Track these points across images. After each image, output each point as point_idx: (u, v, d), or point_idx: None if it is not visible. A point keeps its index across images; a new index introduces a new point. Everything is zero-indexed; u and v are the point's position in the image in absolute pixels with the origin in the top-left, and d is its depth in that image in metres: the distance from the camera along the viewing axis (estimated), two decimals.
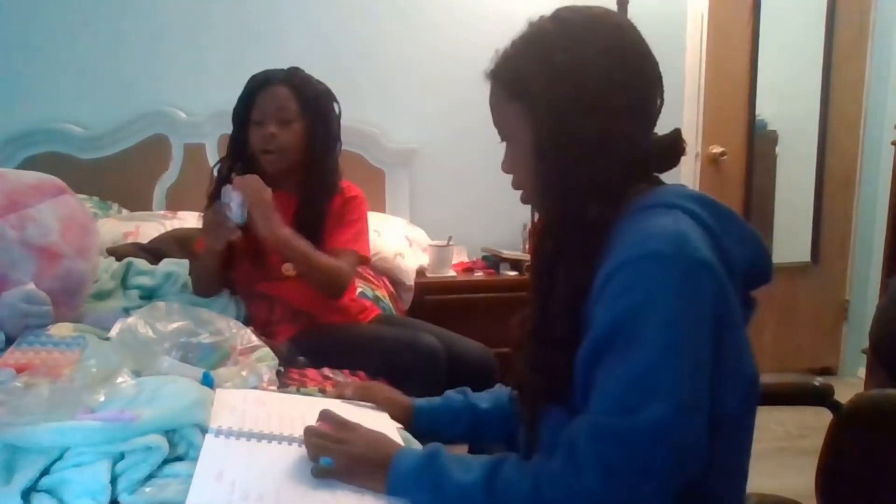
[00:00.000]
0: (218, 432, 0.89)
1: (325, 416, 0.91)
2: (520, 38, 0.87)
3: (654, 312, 0.73)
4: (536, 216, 0.94)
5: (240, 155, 1.72)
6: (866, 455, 1.07)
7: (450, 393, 1.13)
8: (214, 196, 1.66)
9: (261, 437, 0.90)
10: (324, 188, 1.72)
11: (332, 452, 0.84)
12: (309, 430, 0.87)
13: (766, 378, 0.82)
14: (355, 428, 0.89)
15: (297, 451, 0.87)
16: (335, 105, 1.75)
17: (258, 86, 1.68)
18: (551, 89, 0.82)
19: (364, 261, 1.81)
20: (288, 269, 1.69)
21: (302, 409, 0.99)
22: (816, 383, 1.22)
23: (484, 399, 1.10)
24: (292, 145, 1.68)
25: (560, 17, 0.86)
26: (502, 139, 0.92)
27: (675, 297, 0.73)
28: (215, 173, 1.76)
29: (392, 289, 2.34)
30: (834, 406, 1.15)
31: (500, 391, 1.11)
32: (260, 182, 1.56)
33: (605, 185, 0.82)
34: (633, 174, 0.85)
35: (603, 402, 0.74)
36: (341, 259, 1.67)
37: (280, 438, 0.90)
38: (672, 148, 0.88)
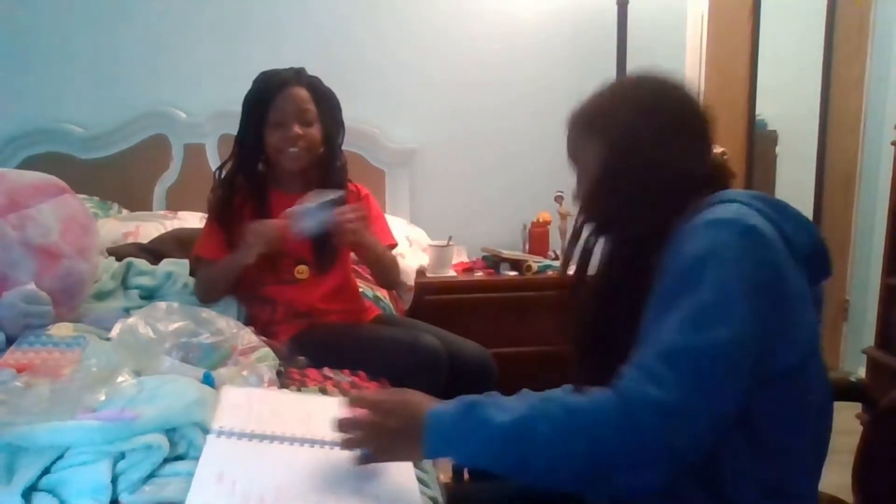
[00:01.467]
0: (220, 432, 0.89)
1: (353, 402, 0.90)
2: (608, 93, 1.00)
3: (713, 261, 0.78)
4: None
5: (251, 156, 1.72)
6: None
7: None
8: (227, 200, 1.69)
9: (262, 437, 0.90)
10: (335, 185, 1.74)
11: (364, 442, 0.85)
12: (340, 424, 0.86)
13: None
14: (383, 403, 0.88)
15: (300, 452, 0.87)
16: (339, 103, 1.78)
17: (276, 88, 1.67)
18: (631, 119, 0.94)
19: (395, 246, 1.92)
20: (302, 271, 1.71)
21: (307, 409, 0.99)
22: (853, 379, 1.22)
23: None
24: (315, 145, 1.70)
25: (639, 75, 1.01)
26: (578, 171, 1.03)
27: (733, 251, 0.79)
28: (220, 174, 1.76)
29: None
30: (870, 402, 1.15)
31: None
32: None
33: (673, 203, 0.91)
34: (697, 191, 0.93)
35: (670, 330, 0.77)
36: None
37: (282, 439, 0.90)
38: (724, 169, 1.01)
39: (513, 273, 2.60)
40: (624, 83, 1.03)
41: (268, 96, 1.67)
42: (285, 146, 1.67)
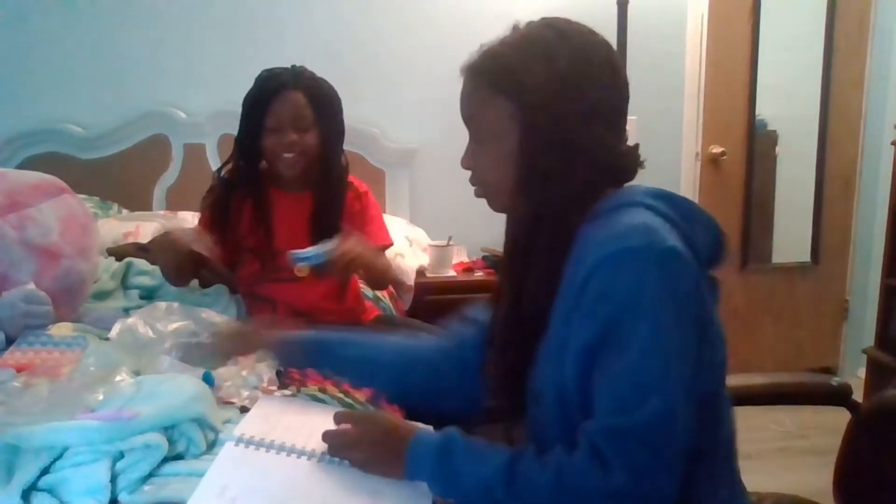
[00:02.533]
0: (239, 440, 0.87)
1: (342, 418, 0.91)
2: (513, 40, 0.88)
3: (638, 310, 0.76)
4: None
5: (250, 158, 1.72)
6: (886, 455, 1.06)
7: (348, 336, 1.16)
8: (224, 199, 1.69)
9: (281, 448, 0.87)
10: (335, 185, 1.74)
11: (348, 452, 0.86)
12: (326, 435, 0.88)
13: (781, 377, 0.84)
14: (371, 419, 0.92)
15: (317, 468, 0.85)
16: (340, 102, 1.76)
17: (272, 91, 1.66)
18: (552, 92, 0.84)
19: (390, 246, 1.92)
20: (301, 269, 1.70)
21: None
22: (834, 383, 1.22)
23: (386, 352, 1.14)
24: (311, 150, 1.69)
25: (556, 26, 0.89)
26: (474, 134, 0.93)
27: (655, 290, 0.76)
28: (220, 174, 1.76)
29: (392, 289, 2.34)
30: (852, 406, 1.15)
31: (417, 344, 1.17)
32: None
33: (585, 191, 0.86)
34: (606, 182, 0.89)
35: (608, 404, 0.78)
36: (384, 256, 1.81)
37: (300, 453, 0.88)
38: (635, 160, 0.92)
39: None
40: (541, 37, 0.88)
41: (264, 100, 1.65)
42: (280, 152, 1.67)
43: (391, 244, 1.89)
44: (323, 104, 1.69)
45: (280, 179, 1.75)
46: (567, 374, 0.82)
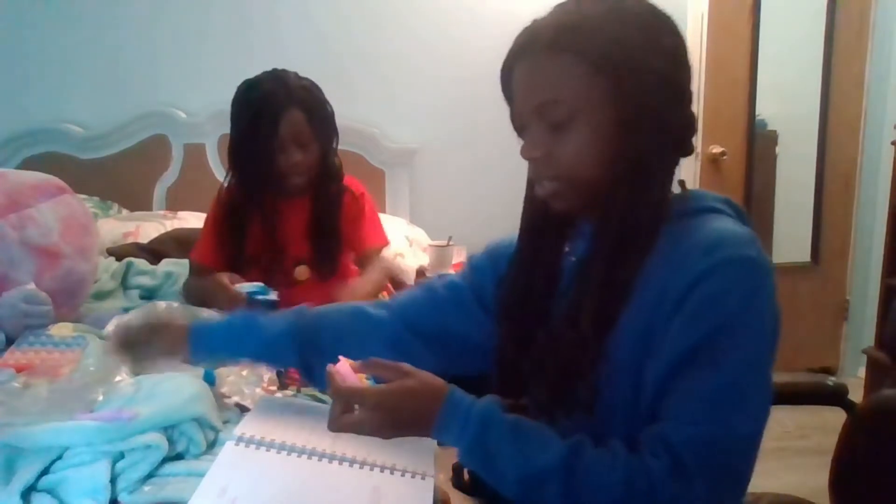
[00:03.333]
0: (239, 440, 0.87)
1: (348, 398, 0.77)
2: (600, 12, 0.78)
3: (747, 319, 0.73)
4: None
5: (255, 173, 1.67)
6: (882, 454, 1.06)
7: (233, 317, 1.06)
8: (233, 212, 1.68)
9: (281, 448, 0.87)
10: (332, 187, 1.73)
11: (367, 431, 0.77)
12: (337, 424, 0.77)
13: (779, 377, 0.83)
14: (388, 400, 0.77)
15: (317, 467, 0.85)
16: (329, 105, 1.72)
17: (272, 115, 1.59)
18: (656, 71, 0.77)
19: (386, 245, 1.90)
20: (302, 272, 1.69)
21: None
22: (830, 383, 1.22)
23: (276, 324, 1.02)
24: (314, 164, 1.67)
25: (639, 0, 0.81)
26: (553, 119, 0.79)
27: (763, 304, 0.74)
28: (226, 189, 1.74)
29: (392, 289, 2.34)
30: (848, 406, 1.15)
31: (300, 315, 1.03)
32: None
33: (670, 175, 0.81)
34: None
35: (698, 411, 0.72)
36: (374, 258, 1.80)
37: (301, 452, 0.87)
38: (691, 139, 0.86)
39: None
40: (633, 10, 0.79)
41: (266, 123, 1.60)
42: (288, 171, 1.65)
43: (387, 244, 1.88)
44: (318, 116, 1.66)
45: (279, 186, 1.74)
46: (651, 379, 0.76)
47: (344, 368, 0.79)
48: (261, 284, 1.50)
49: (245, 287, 1.48)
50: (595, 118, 0.78)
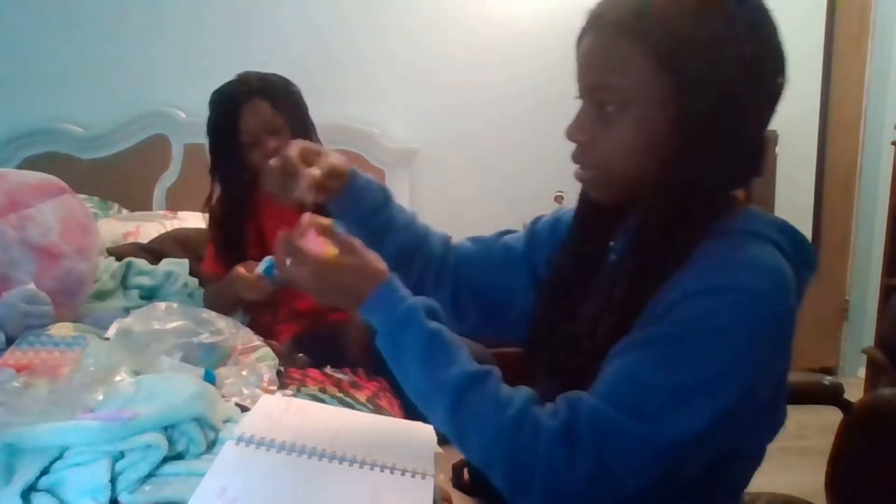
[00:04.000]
0: (240, 439, 0.87)
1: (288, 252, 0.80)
2: (688, 3, 0.70)
3: (728, 344, 0.67)
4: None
5: (234, 181, 1.69)
6: (878, 454, 1.06)
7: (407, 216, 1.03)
8: (222, 224, 1.68)
9: (282, 448, 0.87)
10: None
11: (304, 281, 0.79)
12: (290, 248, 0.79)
13: None
14: (325, 271, 0.79)
15: (317, 467, 0.85)
16: (299, 92, 1.72)
17: (233, 109, 1.62)
18: (726, 81, 0.70)
19: None
20: None
21: (340, 423, 0.96)
22: (826, 382, 1.21)
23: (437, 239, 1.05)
24: None
25: None
26: (602, 105, 0.75)
27: (755, 340, 0.68)
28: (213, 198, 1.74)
29: None
30: (844, 405, 1.15)
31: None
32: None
33: (721, 196, 0.76)
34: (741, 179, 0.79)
35: (620, 393, 0.69)
36: None
37: (301, 451, 0.87)
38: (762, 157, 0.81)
39: None
40: (722, 8, 0.72)
41: (230, 120, 1.62)
42: (265, 163, 1.64)
43: None
44: (285, 103, 1.65)
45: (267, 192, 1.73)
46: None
47: (310, 230, 0.81)
48: (270, 259, 1.46)
49: (260, 268, 1.47)
50: (647, 115, 0.72)
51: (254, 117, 1.62)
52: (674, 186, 0.73)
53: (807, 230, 3.19)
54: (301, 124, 1.69)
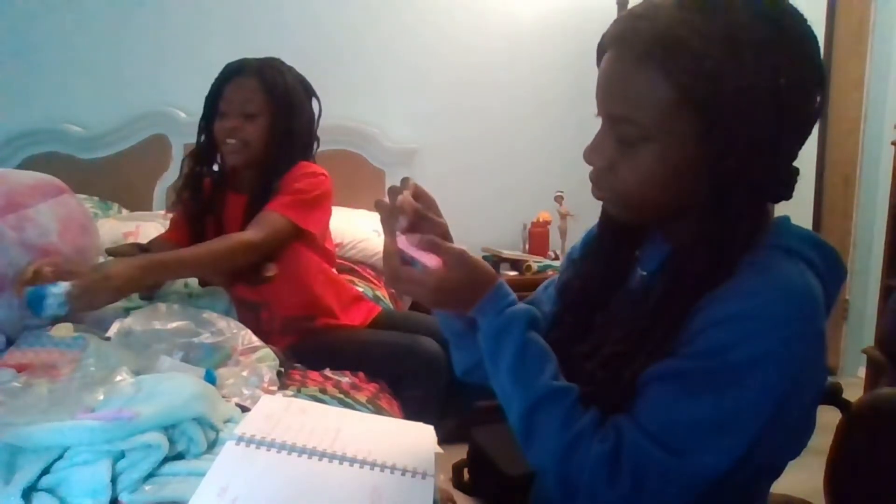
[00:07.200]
0: (240, 439, 0.87)
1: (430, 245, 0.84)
2: (715, 33, 0.65)
3: (756, 376, 0.68)
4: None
5: (206, 147, 1.70)
6: (877, 454, 1.06)
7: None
8: (190, 197, 1.67)
9: (282, 448, 0.87)
10: (272, 181, 1.60)
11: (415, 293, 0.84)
12: (394, 280, 0.85)
13: None
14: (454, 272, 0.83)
15: (318, 467, 0.85)
16: (313, 102, 1.69)
17: (225, 79, 1.62)
18: (755, 123, 0.66)
19: (301, 233, 1.60)
20: (270, 269, 1.56)
21: (341, 423, 0.96)
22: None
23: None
24: (255, 139, 1.61)
25: (770, 15, 0.66)
26: (624, 131, 0.72)
27: (784, 370, 0.68)
28: (184, 168, 1.75)
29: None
30: (843, 405, 1.15)
31: None
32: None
33: (744, 222, 0.73)
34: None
35: (656, 425, 0.71)
36: (260, 223, 1.51)
37: (301, 451, 0.87)
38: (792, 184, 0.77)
39: (513, 273, 2.59)
40: (750, 31, 0.65)
41: (220, 85, 1.62)
42: (223, 137, 1.62)
43: (298, 224, 1.57)
44: (278, 94, 1.60)
45: (235, 180, 1.70)
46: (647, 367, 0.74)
47: (405, 243, 0.87)
48: (39, 288, 1.25)
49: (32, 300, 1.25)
50: (669, 150, 0.70)
51: (235, 90, 1.61)
52: (697, 226, 0.73)
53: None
54: (281, 116, 1.61)
